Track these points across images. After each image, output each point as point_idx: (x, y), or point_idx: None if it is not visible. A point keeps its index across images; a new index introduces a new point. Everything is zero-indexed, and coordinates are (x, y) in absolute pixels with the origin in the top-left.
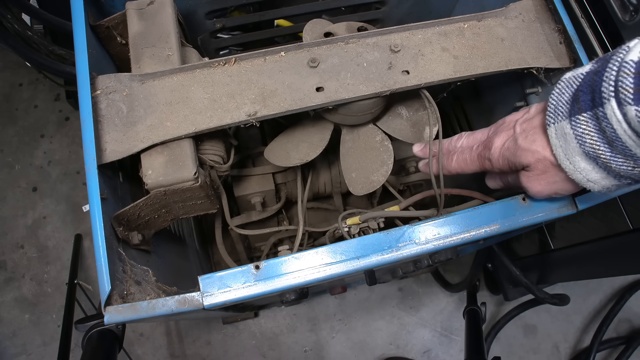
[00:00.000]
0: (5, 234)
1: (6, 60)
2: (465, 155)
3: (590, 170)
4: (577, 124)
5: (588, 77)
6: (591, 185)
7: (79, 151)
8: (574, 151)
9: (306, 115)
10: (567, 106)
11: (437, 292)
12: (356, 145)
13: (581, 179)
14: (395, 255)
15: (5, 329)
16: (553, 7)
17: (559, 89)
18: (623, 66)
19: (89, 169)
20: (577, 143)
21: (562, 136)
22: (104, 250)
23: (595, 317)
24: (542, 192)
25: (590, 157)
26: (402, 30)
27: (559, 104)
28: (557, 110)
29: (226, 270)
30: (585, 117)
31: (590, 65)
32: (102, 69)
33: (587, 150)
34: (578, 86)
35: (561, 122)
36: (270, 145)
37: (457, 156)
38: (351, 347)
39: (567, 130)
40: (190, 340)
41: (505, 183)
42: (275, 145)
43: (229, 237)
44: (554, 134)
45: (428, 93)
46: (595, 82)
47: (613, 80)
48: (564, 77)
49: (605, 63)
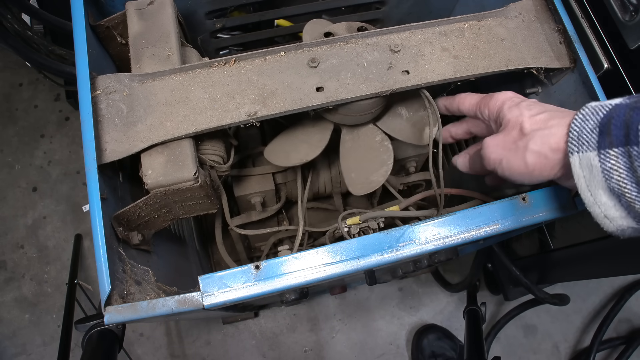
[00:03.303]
0: (5, 234)
1: (6, 60)
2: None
3: (610, 207)
4: (606, 158)
5: (621, 110)
6: (606, 222)
7: (79, 151)
8: (598, 184)
9: (306, 115)
10: (593, 136)
11: (437, 292)
12: (356, 145)
13: (598, 213)
14: (395, 255)
15: (5, 329)
16: (553, 7)
17: (583, 115)
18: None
19: (89, 169)
20: (604, 177)
21: (587, 167)
22: (104, 250)
23: (595, 317)
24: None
25: (615, 193)
26: (402, 30)
27: (583, 132)
28: (581, 138)
29: (226, 270)
30: (615, 153)
31: (621, 99)
32: (102, 69)
33: (613, 185)
34: (605, 117)
35: (587, 153)
36: (269, 145)
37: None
38: (351, 347)
39: (594, 163)
40: (190, 340)
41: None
42: (274, 146)
43: (229, 237)
44: (578, 164)
45: (428, 93)
46: (632, 119)
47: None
48: (589, 105)
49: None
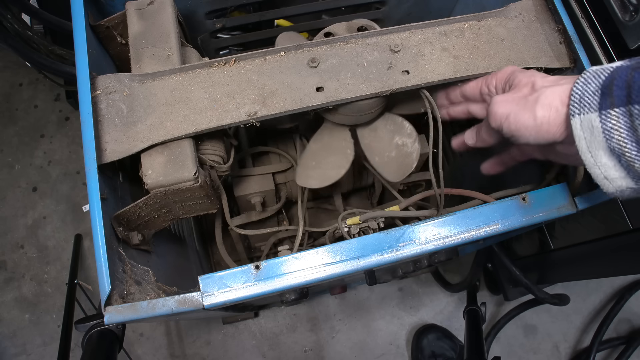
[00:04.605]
0: (5, 234)
1: (6, 60)
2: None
3: (610, 167)
4: (607, 118)
5: (624, 72)
6: (606, 183)
7: (79, 151)
8: (598, 145)
9: (319, 128)
10: (595, 98)
11: (437, 292)
12: (378, 137)
13: (598, 174)
14: (395, 255)
15: (5, 329)
16: (553, 7)
17: (585, 78)
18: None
19: (89, 169)
20: (604, 137)
21: (588, 129)
22: (104, 250)
23: (595, 317)
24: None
25: (615, 153)
26: (402, 30)
27: (585, 95)
28: (582, 100)
29: (226, 270)
30: (617, 113)
31: (623, 61)
32: (102, 69)
33: (613, 145)
34: (608, 78)
35: (588, 114)
36: (299, 171)
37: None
38: (351, 347)
39: (595, 124)
40: (190, 340)
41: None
42: (305, 170)
43: (229, 237)
44: (579, 125)
45: (428, 93)
46: (634, 79)
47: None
48: (590, 68)
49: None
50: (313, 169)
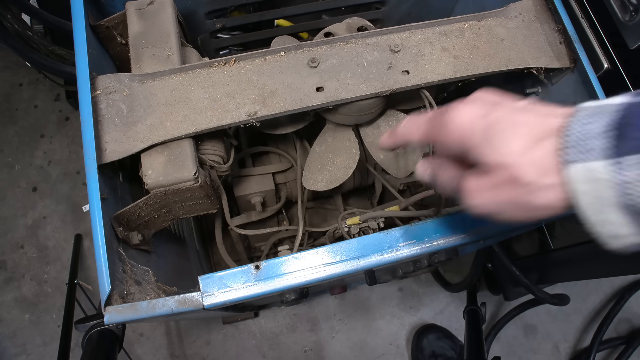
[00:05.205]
0: (5, 234)
1: (6, 60)
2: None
3: (622, 225)
4: (624, 168)
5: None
6: (614, 241)
7: (79, 151)
8: (608, 201)
9: (322, 131)
10: (600, 142)
11: (437, 292)
12: (381, 134)
13: (603, 233)
14: (395, 255)
15: (5, 329)
16: (553, 7)
17: (583, 116)
18: None
19: (89, 169)
20: (619, 191)
21: (593, 180)
22: (104, 250)
23: (595, 317)
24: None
25: (629, 210)
26: (402, 30)
27: (587, 137)
28: (583, 144)
29: (226, 270)
30: (638, 160)
31: (627, 96)
32: (102, 69)
33: (631, 201)
34: (618, 118)
35: (589, 163)
36: (306, 174)
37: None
38: (351, 347)
39: (601, 175)
40: (190, 340)
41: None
42: (311, 174)
43: (229, 237)
44: (582, 178)
45: (428, 93)
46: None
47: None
48: (587, 104)
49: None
50: (320, 171)
